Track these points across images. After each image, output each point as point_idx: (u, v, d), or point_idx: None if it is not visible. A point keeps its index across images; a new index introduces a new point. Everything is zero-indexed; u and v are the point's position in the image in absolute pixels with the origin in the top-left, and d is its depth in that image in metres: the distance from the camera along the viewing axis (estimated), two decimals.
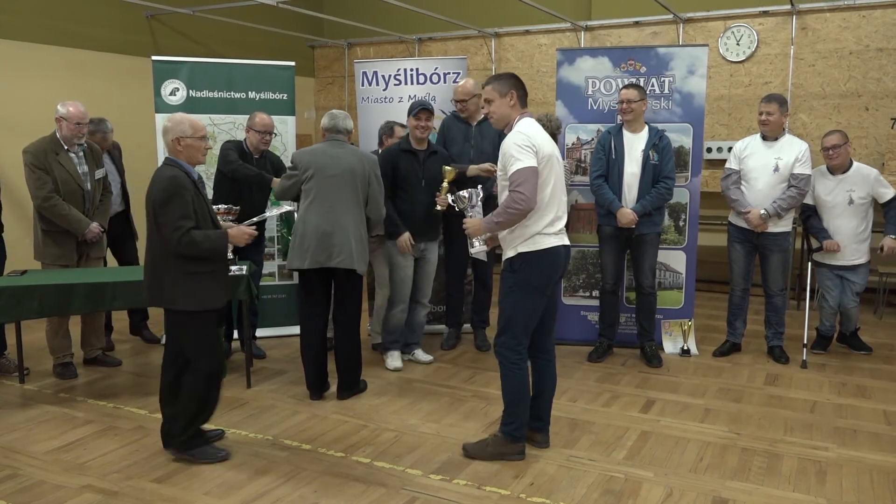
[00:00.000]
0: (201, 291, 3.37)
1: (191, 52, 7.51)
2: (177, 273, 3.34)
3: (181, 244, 3.26)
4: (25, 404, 4.26)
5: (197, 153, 3.42)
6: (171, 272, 3.34)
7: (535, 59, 8.18)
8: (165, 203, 3.26)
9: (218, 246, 3.39)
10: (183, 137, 3.36)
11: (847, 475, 3.36)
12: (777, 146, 4.80)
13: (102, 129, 5.13)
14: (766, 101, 4.81)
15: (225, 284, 3.54)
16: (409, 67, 5.53)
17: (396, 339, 4.93)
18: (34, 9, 6.34)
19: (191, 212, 3.29)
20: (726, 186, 4.92)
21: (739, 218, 4.92)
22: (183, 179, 3.31)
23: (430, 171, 4.72)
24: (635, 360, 5.05)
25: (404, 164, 4.71)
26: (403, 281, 4.80)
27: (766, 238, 4.86)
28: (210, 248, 3.35)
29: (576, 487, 3.25)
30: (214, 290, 3.43)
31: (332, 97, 9.48)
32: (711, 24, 7.30)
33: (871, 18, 6.69)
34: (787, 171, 4.75)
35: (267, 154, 4.98)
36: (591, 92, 5.28)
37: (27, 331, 4.97)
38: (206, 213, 3.41)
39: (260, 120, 4.80)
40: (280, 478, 3.34)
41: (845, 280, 4.98)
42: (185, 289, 3.34)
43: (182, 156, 3.39)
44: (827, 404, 4.23)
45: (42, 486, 3.26)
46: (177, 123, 3.38)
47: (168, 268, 3.34)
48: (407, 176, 4.71)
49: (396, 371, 4.84)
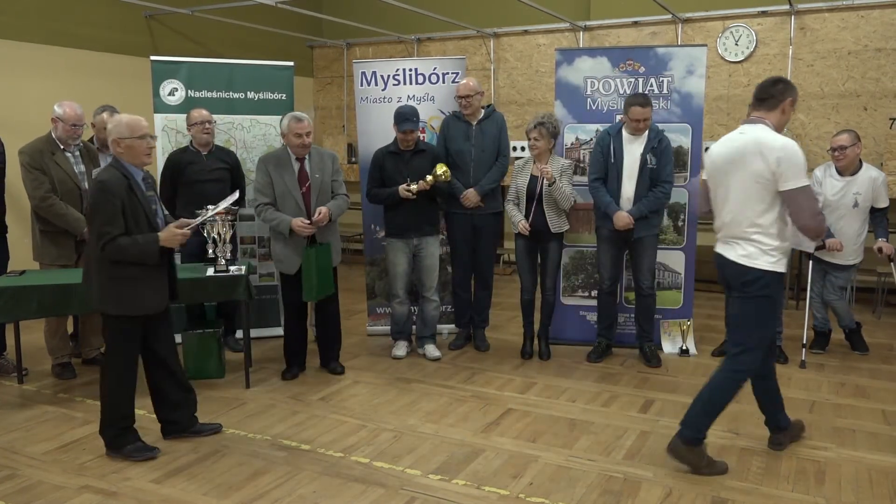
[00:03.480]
0: (122, 297, 3.37)
1: (189, 53, 7.49)
2: (103, 277, 3.36)
3: (105, 250, 3.28)
4: (24, 404, 4.26)
5: (138, 154, 3.38)
6: (98, 275, 3.37)
7: (533, 59, 8.18)
8: (93, 209, 3.30)
9: (147, 250, 3.35)
10: (121, 139, 3.34)
11: (846, 475, 3.37)
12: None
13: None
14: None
15: (158, 290, 3.49)
16: (407, 67, 5.53)
17: (400, 330, 5.20)
18: (33, 9, 6.33)
19: (117, 218, 3.27)
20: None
21: None
22: (113, 184, 3.28)
23: (416, 168, 4.82)
24: (634, 360, 5.05)
25: (390, 165, 4.87)
26: (396, 276, 5.01)
27: None
28: (138, 252, 3.33)
29: (575, 487, 3.25)
30: (140, 296, 3.40)
31: (331, 97, 9.47)
32: (710, 25, 7.30)
33: (869, 18, 6.70)
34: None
35: (216, 150, 5.10)
36: (589, 92, 5.28)
37: (26, 331, 4.96)
38: (143, 215, 3.37)
39: (197, 113, 4.98)
40: (279, 478, 3.34)
41: (828, 275, 5.00)
42: (109, 292, 3.37)
43: (124, 157, 3.38)
44: (826, 404, 4.23)
45: (41, 487, 3.25)
46: (115, 125, 3.37)
47: (97, 271, 3.38)
48: (392, 175, 4.84)
49: (397, 359, 5.09)
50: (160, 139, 5.37)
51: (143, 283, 3.41)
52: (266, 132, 5.58)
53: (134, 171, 3.39)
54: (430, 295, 5.08)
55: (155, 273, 3.46)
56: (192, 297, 4.47)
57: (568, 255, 5.37)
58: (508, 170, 5.16)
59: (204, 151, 5.04)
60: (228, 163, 5.12)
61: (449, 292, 5.53)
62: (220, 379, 4.69)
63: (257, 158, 5.42)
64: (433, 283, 5.05)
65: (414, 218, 4.87)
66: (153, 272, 3.44)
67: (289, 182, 4.44)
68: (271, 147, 5.49)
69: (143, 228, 3.37)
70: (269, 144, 5.54)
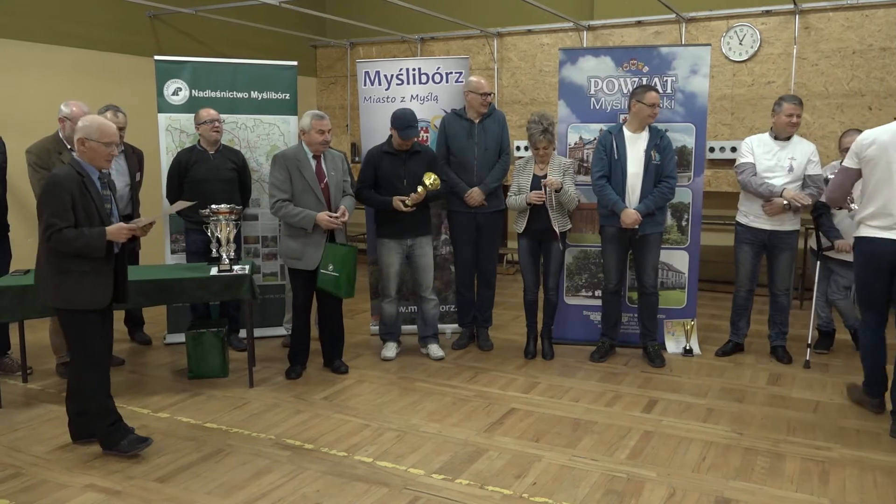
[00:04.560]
0: (70, 291, 3.38)
1: (193, 52, 7.50)
2: (52, 270, 3.39)
3: (51, 241, 3.30)
4: (28, 403, 4.27)
5: (99, 158, 3.41)
6: (47, 269, 3.40)
7: (537, 58, 8.17)
8: (42, 201, 3.33)
9: (93, 243, 3.35)
10: (88, 139, 3.36)
11: (850, 476, 3.36)
12: (790, 146, 4.78)
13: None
14: (797, 103, 4.74)
15: (105, 285, 3.47)
16: (411, 67, 5.53)
17: (389, 331, 5.17)
18: (37, 9, 6.34)
19: (66, 212, 3.28)
20: (748, 178, 4.76)
21: (749, 218, 4.86)
22: (65, 178, 3.31)
23: (412, 169, 4.81)
24: (638, 360, 5.04)
25: (386, 165, 4.83)
26: (389, 277, 4.99)
27: (777, 237, 4.83)
28: (84, 245, 3.32)
29: (578, 487, 3.24)
30: (87, 290, 3.40)
31: (335, 97, 9.48)
32: (714, 24, 7.29)
33: (874, 18, 6.68)
34: (800, 172, 4.73)
35: (223, 149, 5.11)
36: (593, 91, 5.28)
37: (30, 330, 4.97)
38: (94, 212, 3.37)
39: (206, 112, 5.00)
40: (282, 477, 3.34)
41: (833, 273, 4.99)
42: (57, 287, 3.38)
43: (85, 156, 3.40)
44: (830, 404, 4.22)
45: (45, 485, 3.26)
46: (87, 124, 3.39)
47: (45, 265, 3.41)
48: (388, 176, 4.82)
49: (387, 360, 5.06)
50: (164, 139, 5.38)
51: (90, 277, 3.40)
52: (269, 132, 5.58)
53: (90, 169, 3.42)
54: (427, 294, 5.07)
55: (103, 268, 3.45)
56: (197, 297, 4.48)
57: (571, 254, 5.36)
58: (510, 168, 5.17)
59: (211, 151, 5.05)
60: (236, 163, 5.12)
61: (452, 291, 5.53)
62: (224, 378, 4.70)
63: (261, 158, 5.50)
64: (430, 282, 5.05)
65: (408, 220, 4.84)
66: (101, 267, 3.44)
67: (309, 178, 4.47)
68: (275, 147, 5.49)
69: (93, 224, 3.37)
70: (273, 144, 5.54)
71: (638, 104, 4.71)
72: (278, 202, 4.46)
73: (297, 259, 4.55)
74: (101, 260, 3.41)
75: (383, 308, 5.12)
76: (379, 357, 5.12)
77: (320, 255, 4.51)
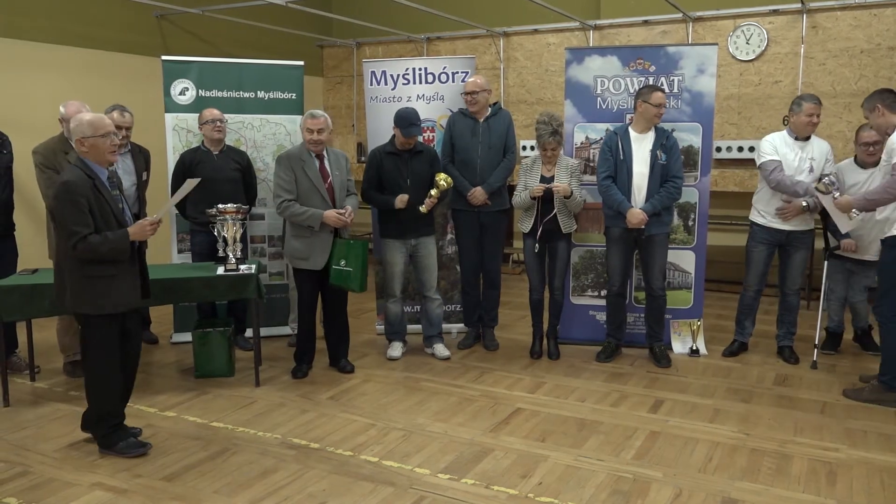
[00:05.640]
0: (99, 296, 3.36)
1: (200, 52, 7.52)
2: (76, 276, 3.35)
3: (77, 250, 3.27)
4: (36, 402, 4.29)
5: (102, 152, 3.36)
6: (72, 275, 3.36)
7: (543, 58, 8.16)
8: (59, 211, 3.28)
9: (119, 246, 3.34)
10: (84, 138, 3.33)
11: (857, 477, 3.34)
12: (808, 146, 4.73)
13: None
14: (817, 103, 4.69)
15: (132, 286, 3.48)
16: (417, 67, 5.53)
17: (395, 331, 5.15)
18: (43, 9, 6.37)
19: (85, 217, 3.26)
20: (780, 176, 4.66)
21: (766, 218, 4.82)
22: (78, 184, 3.27)
23: (415, 169, 4.81)
24: (644, 361, 5.03)
25: (389, 165, 4.82)
26: (393, 276, 4.98)
27: (793, 236, 4.80)
28: (110, 249, 3.32)
29: (584, 487, 3.24)
30: (115, 294, 3.39)
31: (341, 96, 9.49)
32: (721, 23, 7.26)
33: (882, 17, 6.65)
34: (818, 172, 4.69)
35: (227, 150, 5.12)
36: (599, 91, 5.27)
37: (37, 329, 4.99)
38: (110, 213, 3.36)
39: (209, 112, 5.01)
40: (288, 476, 3.35)
41: (854, 275, 4.96)
42: (83, 293, 3.35)
43: (89, 156, 3.36)
44: (837, 405, 4.21)
45: (52, 484, 3.28)
46: (77, 124, 3.34)
47: (69, 271, 3.36)
48: (391, 176, 4.81)
49: (392, 360, 5.06)
50: (171, 138, 5.40)
51: (117, 280, 3.40)
52: (276, 131, 5.59)
53: (99, 170, 3.38)
54: (431, 294, 5.06)
55: (128, 269, 3.45)
56: (203, 296, 4.49)
57: (577, 254, 5.36)
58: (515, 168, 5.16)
59: (215, 151, 5.06)
60: (240, 163, 5.13)
61: (458, 291, 5.53)
62: (230, 377, 4.71)
63: (267, 158, 5.51)
64: (433, 282, 5.05)
65: (411, 220, 4.83)
66: (127, 268, 3.44)
67: (313, 178, 4.48)
68: (281, 147, 5.50)
69: (112, 227, 3.36)
70: (279, 144, 5.56)
71: (644, 104, 4.70)
72: (284, 202, 4.47)
73: (304, 259, 4.56)
74: (126, 260, 3.42)
75: (388, 308, 5.12)
76: (385, 357, 5.13)
77: (327, 256, 4.52)
